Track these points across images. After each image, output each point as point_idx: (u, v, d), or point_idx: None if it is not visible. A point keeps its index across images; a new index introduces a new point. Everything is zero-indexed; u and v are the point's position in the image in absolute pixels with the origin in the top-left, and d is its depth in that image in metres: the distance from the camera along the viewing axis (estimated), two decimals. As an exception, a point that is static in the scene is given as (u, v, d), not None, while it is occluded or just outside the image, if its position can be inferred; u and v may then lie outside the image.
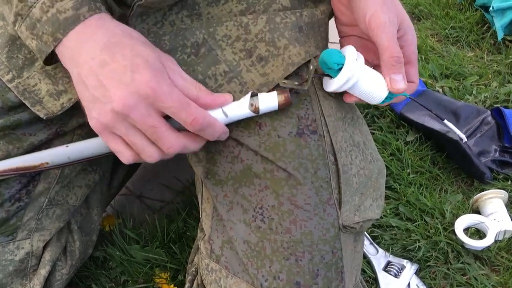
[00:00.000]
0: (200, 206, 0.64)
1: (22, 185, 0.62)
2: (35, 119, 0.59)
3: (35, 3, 0.47)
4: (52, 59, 0.51)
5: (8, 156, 0.58)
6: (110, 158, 0.73)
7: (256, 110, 0.52)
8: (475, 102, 1.05)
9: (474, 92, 1.06)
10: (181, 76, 0.50)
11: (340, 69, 0.52)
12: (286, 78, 0.55)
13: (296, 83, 0.53)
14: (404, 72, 0.53)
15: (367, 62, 0.58)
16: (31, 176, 0.63)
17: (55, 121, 0.61)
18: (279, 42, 0.55)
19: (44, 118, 0.56)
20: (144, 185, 0.98)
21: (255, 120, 0.55)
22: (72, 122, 0.63)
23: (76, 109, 0.62)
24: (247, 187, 0.56)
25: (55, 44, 0.48)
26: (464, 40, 1.23)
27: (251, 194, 0.55)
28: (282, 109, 0.54)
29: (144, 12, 0.53)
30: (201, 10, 0.56)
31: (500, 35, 1.16)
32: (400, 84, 0.53)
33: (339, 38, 0.63)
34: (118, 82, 0.45)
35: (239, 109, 0.52)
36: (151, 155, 0.48)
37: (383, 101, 0.55)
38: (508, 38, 1.18)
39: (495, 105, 1.03)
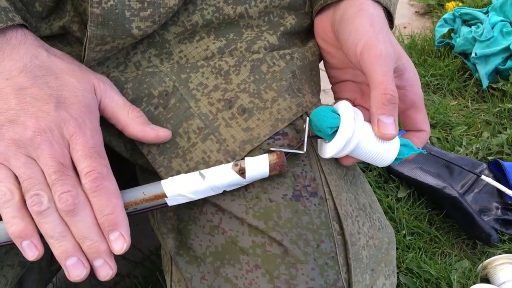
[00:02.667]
0: (169, 292, 0.51)
1: None
2: None
3: None
4: None
5: None
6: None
7: (241, 171, 0.41)
8: (466, 154, 0.97)
9: (464, 143, 0.99)
10: (113, 98, 0.45)
11: (335, 132, 0.43)
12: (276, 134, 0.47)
13: (289, 143, 0.46)
14: (397, 115, 0.44)
15: (363, 109, 0.50)
16: None
17: None
18: (266, 95, 0.48)
19: None
20: (95, 255, 0.84)
21: None
22: None
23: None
24: (232, 267, 0.45)
25: None
26: (445, 88, 1.18)
27: (236, 276, 0.45)
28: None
29: (100, 57, 0.46)
30: (172, 48, 0.49)
31: (485, 83, 1.11)
32: (390, 128, 0.42)
33: (330, 86, 0.56)
34: (38, 110, 0.39)
35: (220, 170, 0.43)
36: (39, 198, 0.38)
37: (395, 161, 0.46)
38: (493, 85, 1.13)
39: (489, 157, 0.95)
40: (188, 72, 0.48)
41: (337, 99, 0.54)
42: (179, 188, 0.43)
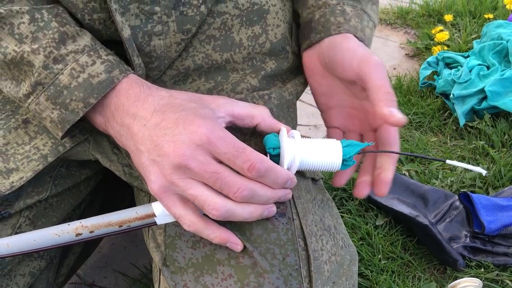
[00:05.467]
0: (156, 298, 0.58)
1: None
2: None
3: (62, 69, 0.46)
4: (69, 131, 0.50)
5: None
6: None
7: None
8: (442, 186, 1.04)
9: (440, 176, 1.06)
10: (239, 105, 0.50)
11: (277, 154, 0.50)
12: None
13: None
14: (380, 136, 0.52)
15: (353, 132, 0.57)
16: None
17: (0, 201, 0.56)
18: (246, 130, 0.54)
19: None
20: (97, 272, 0.91)
21: None
22: (19, 203, 0.58)
23: (24, 189, 0.58)
24: (210, 276, 0.51)
25: (85, 110, 0.47)
26: (427, 126, 1.26)
27: (213, 284, 0.51)
28: None
29: None
30: (168, 88, 0.54)
31: (462, 121, 1.19)
32: (400, 115, 0.48)
33: (322, 121, 0.62)
34: (171, 137, 0.44)
35: None
36: (214, 205, 0.44)
37: (344, 167, 0.51)
38: (470, 124, 1.21)
39: (462, 190, 1.02)
40: None
41: (328, 127, 0.61)
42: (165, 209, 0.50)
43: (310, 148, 0.50)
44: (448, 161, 0.51)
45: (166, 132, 0.44)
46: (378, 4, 0.65)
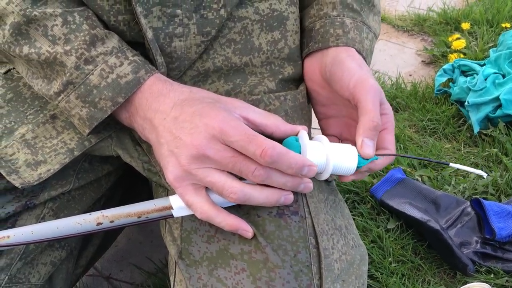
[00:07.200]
0: (171, 290, 0.60)
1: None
2: (4, 190, 0.57)
3: (93, 70, 0.49)
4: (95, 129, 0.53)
5: None
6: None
7: None
8: (454, 193, 1.05)
9: (453, 182, 1.07)
10: (255, 111, 0.51)
11: None
12: None
13: None
14: (376, 141, 0.53)
15: (349, 140, 0.58)
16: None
17: (26, 193, 0.59)
18: None
19: (20, 187, 0.55)
20: (114, 265, 0.93)
21: None
22: (44, 194, 0.61)
23: (49, 181, 0.60)
24: (223, 269, 0.53)
25: (113, 109, 0.50)
26: (441, 132, 1.26)
27: (226, 277, 0.52)
28: None
29: None
30: None
31: (476, 129, 1.20)
32: (370, 150, 0.52)
33: (317, 121, 0.64)
34: (189, 129, 0.46)
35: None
36: (232, 189, 0.47)
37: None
38: (484, 132, 1.21)
39: (474, 196, 1.03)
40: None
41: (324, 135, 0.62)
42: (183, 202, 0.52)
43: (334, 153, 0.52)
44: (451, 164, 0.53)
45: (184, 125, 0.47)
46: (380, 15, 0.67)
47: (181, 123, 0.47)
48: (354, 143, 0.54)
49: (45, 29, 0.50)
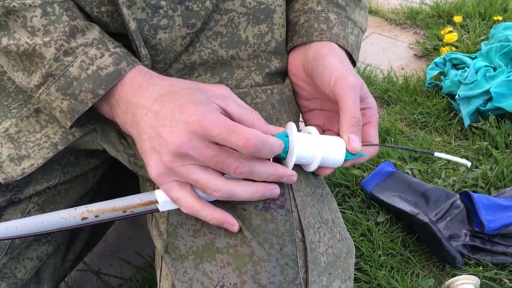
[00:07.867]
0: (158, 284, 0.60)
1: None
2: None
3: (72, 61, 0.49)
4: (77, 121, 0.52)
5: None
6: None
7: None
8: (444, 186, 1.05)
9: (443, 175, 1.08)
10: (236, 102, 0.50)
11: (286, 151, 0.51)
12: None
13: None
14: (361, 135, 0.54)
15: (332, 132, 0.59)
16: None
17: (10, 187, 0.59)
18: None
19: (3, 182, 0.54)
20: (103, 260, 0.93)
21: None
22: (29, 189, 0.60)
23: (34, 176, 0.60)
24: (209, 263, 0.52)
25: (94, 101, 0.49)
26: (432, 125, 1.27)
27: (212, 271, 0.52)
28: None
29: None
30: None
31: (467, 122, 1.20)
32: (358, 144, 0.53)
33: (301, 114, 0.65)
34: (169, 126, 0.46)
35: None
36: (216, 187, 0.47)
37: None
38: (474, 125, 1.21)
39: (464, 189, 1.03)
40: None
41: (307, 125, 0.61)
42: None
43: (323, 145, 0.52)
44: (436, 154, 0.53)
45: (165, 122, 0.46)
46: (367, 9, 0.67)
47: (162, 119, 0.47)
48: (336, 134, 0.54)
49: (24, 20, 0.49)
